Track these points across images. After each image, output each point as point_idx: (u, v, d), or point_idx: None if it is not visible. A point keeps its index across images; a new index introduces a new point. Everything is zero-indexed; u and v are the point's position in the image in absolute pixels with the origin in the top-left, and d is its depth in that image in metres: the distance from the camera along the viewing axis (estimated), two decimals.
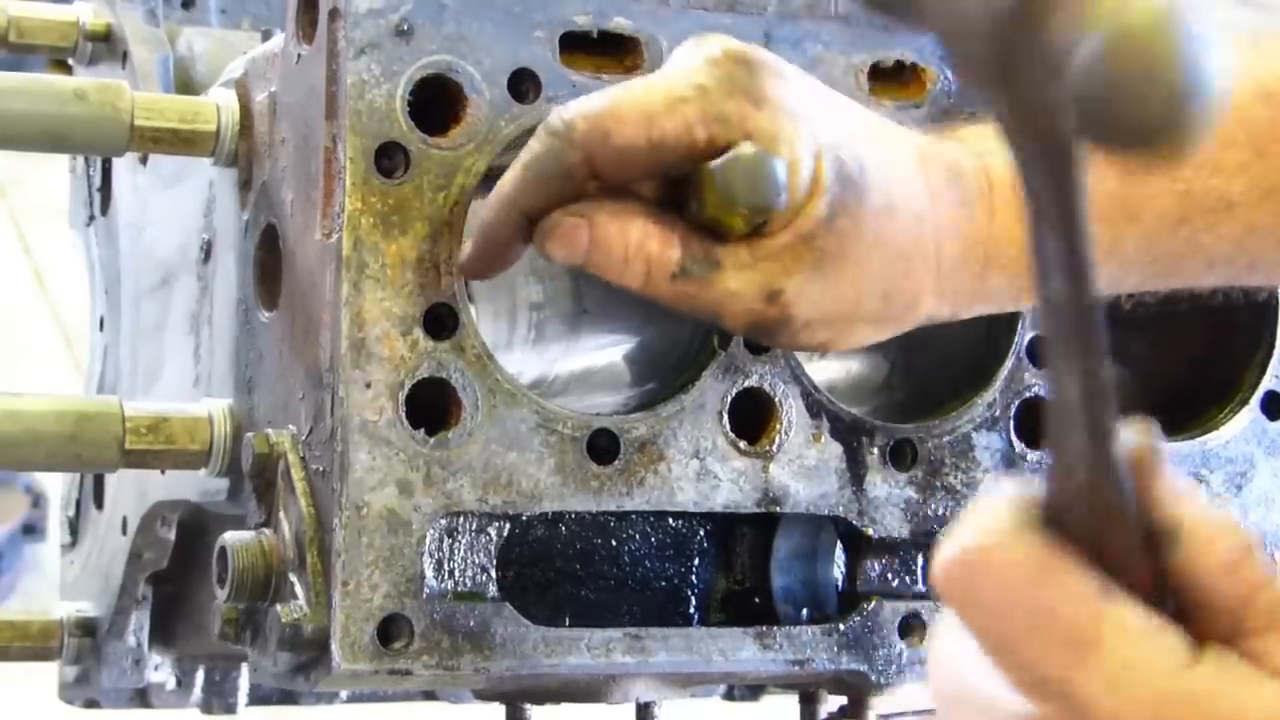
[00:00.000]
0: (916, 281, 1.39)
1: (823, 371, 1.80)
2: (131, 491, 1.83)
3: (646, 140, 1.33)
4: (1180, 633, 0.89)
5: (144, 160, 1.88)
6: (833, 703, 1.67)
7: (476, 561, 1.47)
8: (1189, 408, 1.73)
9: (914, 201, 1.37)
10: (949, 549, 0.91)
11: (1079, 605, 0.88)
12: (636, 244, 1.34)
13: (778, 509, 1.53)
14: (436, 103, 1.45)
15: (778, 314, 1.36)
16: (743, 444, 1.52)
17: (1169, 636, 0.89)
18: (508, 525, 1.48)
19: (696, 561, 1.59)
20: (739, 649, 1.51)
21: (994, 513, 0.91)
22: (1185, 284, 1.49)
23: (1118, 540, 0.90)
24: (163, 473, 1.69)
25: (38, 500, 5.10)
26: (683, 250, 1.34)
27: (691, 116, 1.33)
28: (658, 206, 1.37)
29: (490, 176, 1.46)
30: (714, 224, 1.35)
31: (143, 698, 1.98)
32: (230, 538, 1.46)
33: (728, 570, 1.60)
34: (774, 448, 1.53)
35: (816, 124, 1.36)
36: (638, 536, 1.56)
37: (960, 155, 1.41)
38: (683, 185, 1.37)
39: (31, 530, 5.11)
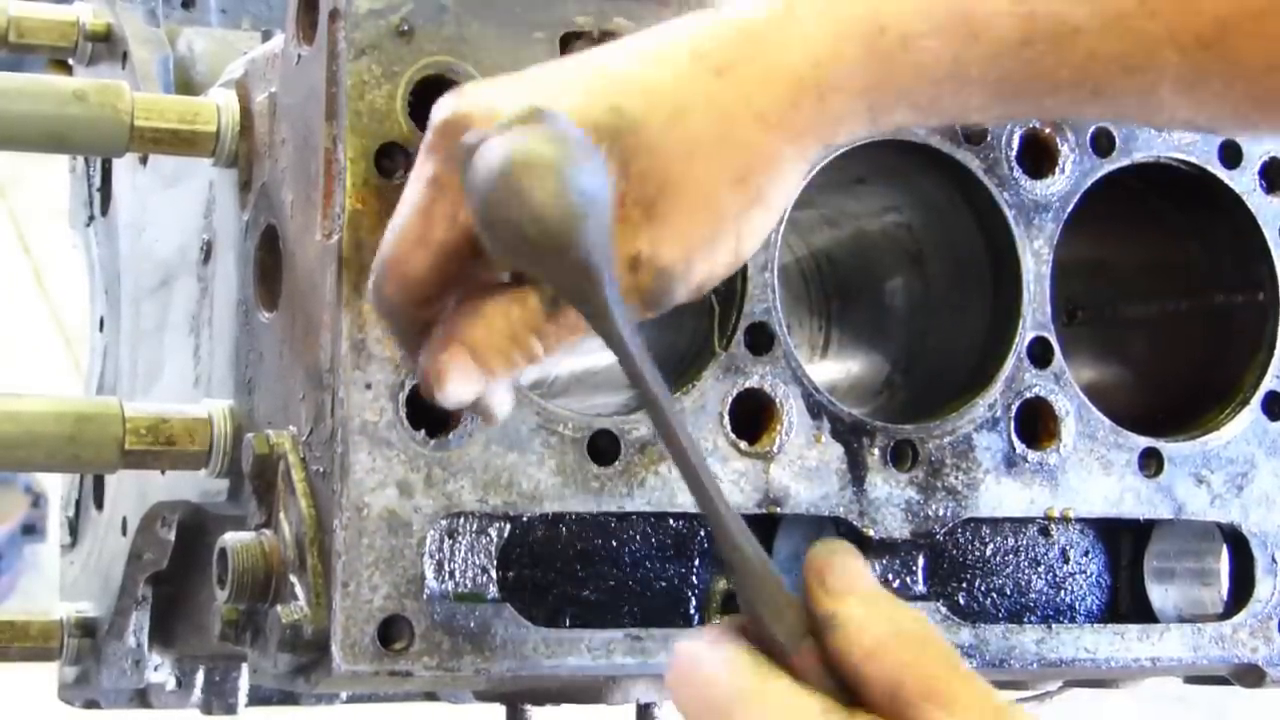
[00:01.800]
0: (753, 149, 1.32)
1: (823, 372, 1.80)
2: (131, 492, 1.82)
3: (432, 261, 1.31)
4: (827, 700, 1.12)
5: (144, 161, 1.88)
6: None
7: (477, 562, 1.47)
8: (1190, 408, 1.73)
9: (695, 93, 1.32)
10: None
11: (736, 680, 1.14)
12: (505, 327, 1.31)
13: (778, 510, 1.53)
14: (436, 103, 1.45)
15: (651, 275, 1.31)
16: (743, 445, 1.52)
17: (808, 701, 1.12)
18: (508, 526, 1.48)
19: (697, 563, 1.59)
20: None
21: (708, 630, 1.20)
22: (1030, 110, 1.47)
23: (784, 634, 1.15)
24: (163, 473, 1.69)
25: (38, 500, 5.10)
26: (538, 293, 1.31)
27: (445, 213, 1.31)
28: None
29: None
30: (517, 277, 1.32)
31: (142, 698, 1.98)
32: (230, 538, 1.46)
33: (728, 571, 1.59)
34: (774, 448, 1.53)
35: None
36: (638, 537, 1.56)
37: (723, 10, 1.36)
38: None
39: (31, 530, 5.11)
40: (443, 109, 1.33)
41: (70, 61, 2.02)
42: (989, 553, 1.67)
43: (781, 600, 1.17)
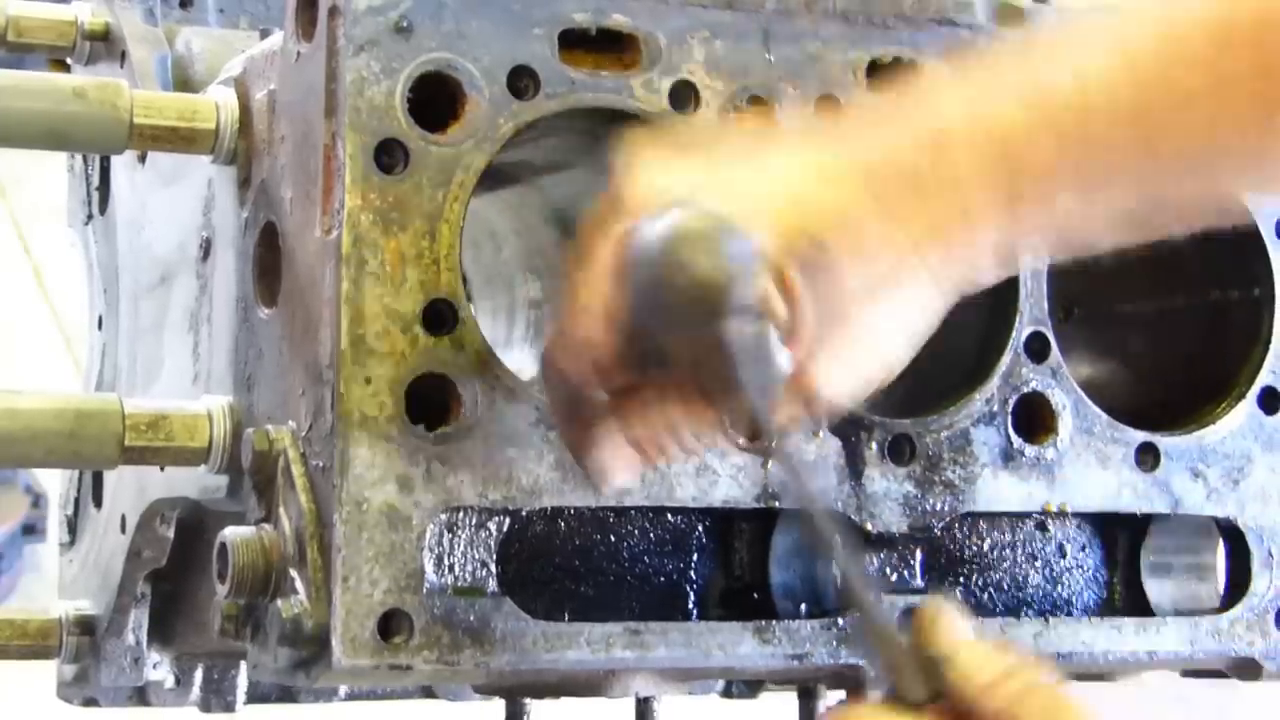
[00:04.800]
0: (920, 303, 1.39)
1: None
2: (131, 489, 1.83)
3: (616, 341, 1.35)
4: None
5: (143, 158, 1.88)
6: (831, 698, 1.67)
7: (476, 557, 1.47)
8: (1186, 403, 1.73)
9: (873, 232, 1.36)
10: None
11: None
12: (663, 421, 1.38)
13: (777, 504, 1.53)
14: (436, 100, 1.45)
15: (815, 407, 1.38)
16: (741, 440, 1.52)
17: None
18: (508, 520, 1.48)
19: (695, 557, 1.59)
20: (738, 644, 1.51)
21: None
22: (1150, 214, 1.47)
23: (918, 693, 1.25)
24: (162, 470, 1.69)
25: (38, 500, 5.09)
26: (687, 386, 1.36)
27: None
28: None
29: (489, 174, 1.47)
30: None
31: (141, 696, 1.98)
32: (230, 533, 1.47)
33: (726, 566, 1.60)
34: (772, 443, 1.53)
35: (759, 238, 1.34)
36: (637, 532, 1.57)
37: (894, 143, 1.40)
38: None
39: (31, 530, 5.10)
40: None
41: (69, 60, 2.02)
42: (986, 547, 1.67)
43: (913, 669, 1.26)
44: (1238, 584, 1.71)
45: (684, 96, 1.52)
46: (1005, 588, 1.68)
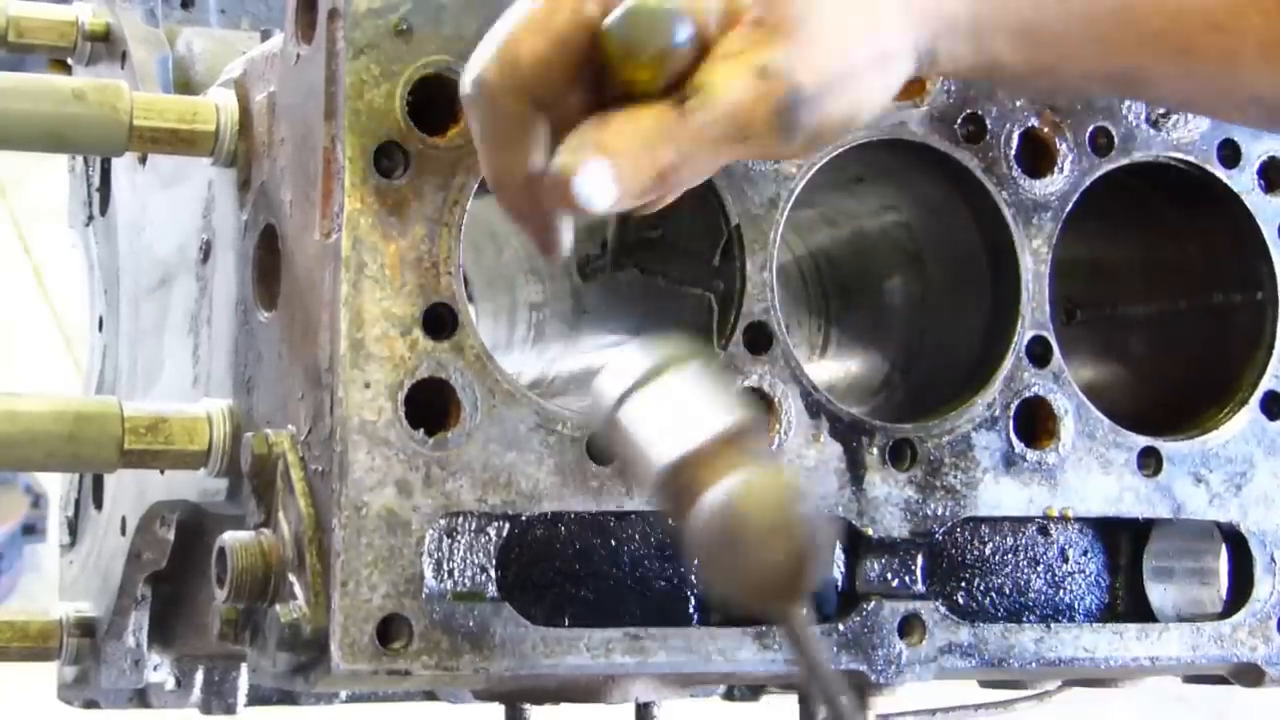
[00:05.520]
0: (881, 14, 1.34)
1: (822, 371, 1.81)
2: (130, 492, 1.82)
3: (550, 44, 1.27)
4: None
5: (143, 160, 1.88)
6: None
7: (476, 562, 1.47)
8: (1189, 407, 1.73)
9: None
10: None
11: None
12: (640, 135, 1.27)
13: None
14: (435, 103, 1.45)
15: (784, 88, 1.29)
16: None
17: None
18: (507, 525, 1.48)
19: (695, 562, 1.58)
20: (738, 649, 1.51)
21: None
22: (1122, 66, 1.46)
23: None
24: (162, 473, 1.68)
25: (38, 500, 5.10)
26: (673, 95, 1.28)
27: (570, 3, 1.28)
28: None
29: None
30: (632, 86, 1.29)
31: (142, 698, 1.98)
32: (229, 538, 1.46)
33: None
34: (773, 447, 1.52)
35: None
36: (637, 537, 1.56)
37: None
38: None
39: (31, 530, 5.11)
40: None
41: (69, 61, 2.02)
42: (988, 552, 1.67)
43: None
44: (1240, 589, 1.70)
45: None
46: (1007, 593, 1.67)
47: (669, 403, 1.25)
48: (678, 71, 1.28)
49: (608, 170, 1.26)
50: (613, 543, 1.56)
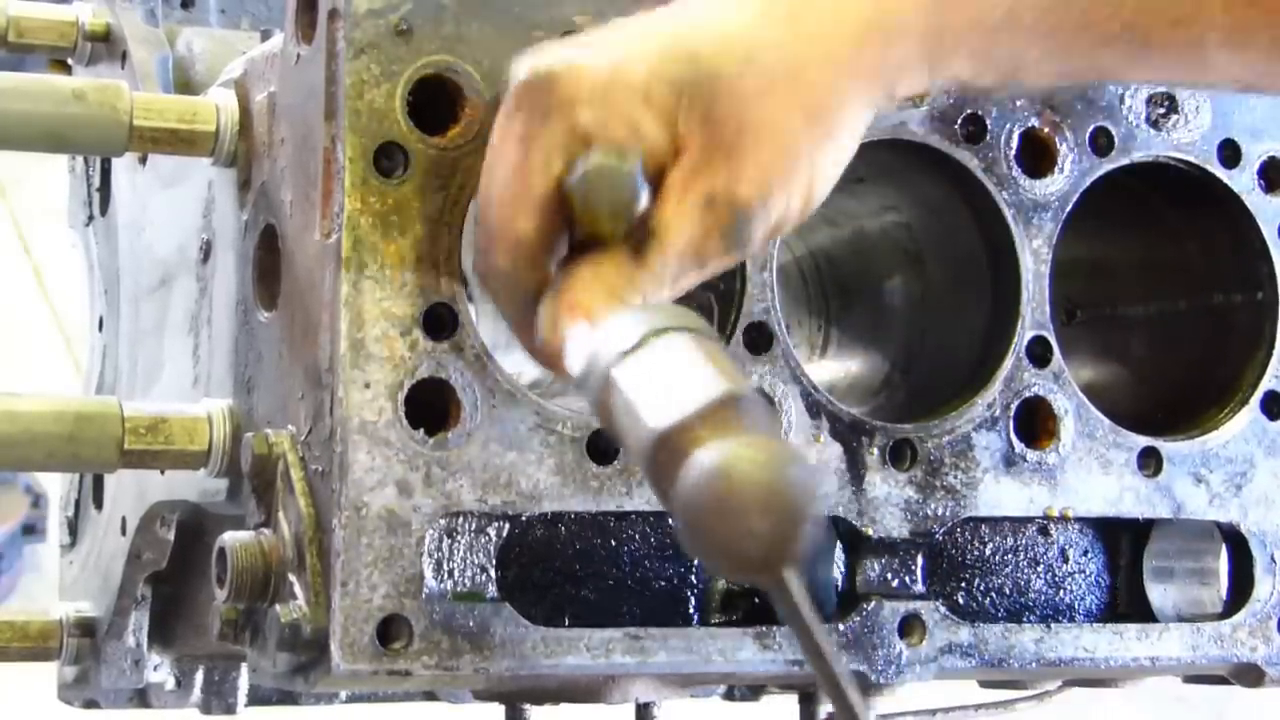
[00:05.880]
0: (822, 88, 1.37)
1: (822, 371, 1.80)
2: (131, 492, 1.82)
3: (540, 215, 1.34)
4: None
5: (143, 160, 1.88)
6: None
7: (476, 562, 1.47)
8: (1189, 407, 1.73)
9: (768, 37, 1.36)
10: None
11: None
12: (602, 286, 1.33)
13: None
14: (436, 103, 1.45)
15: (729, 212, 1.35)
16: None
17: None
18: (507, 525, 1.48)
19: (695, 562, 1.59)
20: (738, 649, 1.51)
21: None
22: (1084, 68, 1.47)
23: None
24: (162, 473, 1.68)
25: (38, 500, 5.09)
26: (620, 246, 1.35)
27: (539, 166, 1.34)
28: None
29: None
30: (597, 236, 1.34)
31: (142, 698, 1.98)
32: (229, 538, 1.46)
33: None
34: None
35: (629, 70, 1.34)
36: (637, 537, 1.56)
37: None
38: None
39: (31, 530, 5.11)
40: (525, 69, 1.36)
41: (70, 61, 2.02)
42: (988, 552, 1.67)
43: None
44: (1240, 589, 1.70)
45: None
46: (1007, 593, 1.67)
47: (665, 368, 1.24)
48: (637, 215, 1.34)
49: (587, 332, 1.32)
50: (613, 543, 1.56)
